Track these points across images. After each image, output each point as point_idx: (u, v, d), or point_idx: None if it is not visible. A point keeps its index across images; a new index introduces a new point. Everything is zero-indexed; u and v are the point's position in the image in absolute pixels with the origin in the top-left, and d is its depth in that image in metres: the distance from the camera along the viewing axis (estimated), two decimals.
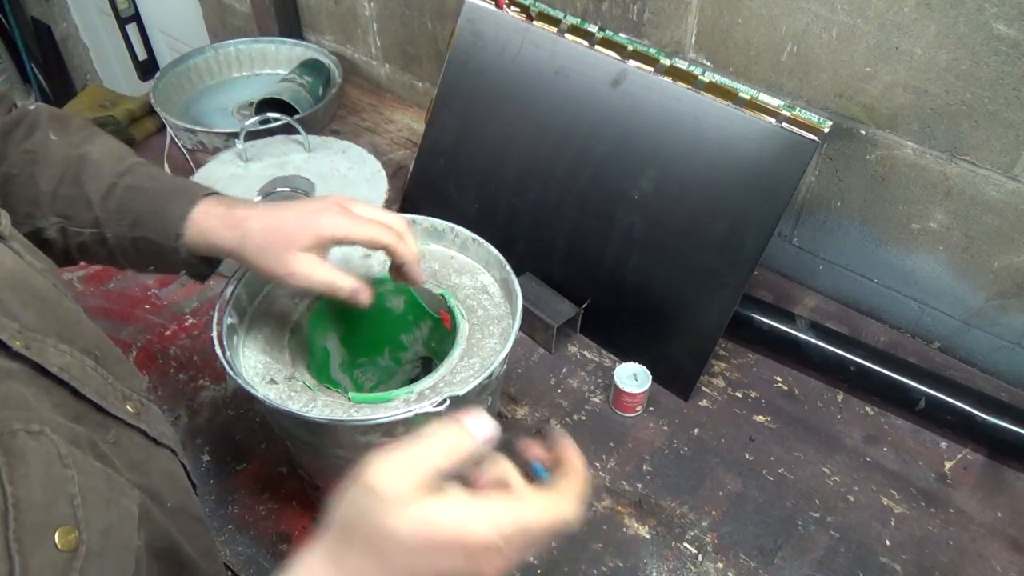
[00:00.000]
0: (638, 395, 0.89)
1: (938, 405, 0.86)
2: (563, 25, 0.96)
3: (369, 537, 0.39)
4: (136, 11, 2.02)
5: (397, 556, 0.39)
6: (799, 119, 0.82)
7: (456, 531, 0.39)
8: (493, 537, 0.39)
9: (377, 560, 0.39)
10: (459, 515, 0.39)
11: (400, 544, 0.38)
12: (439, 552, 0.39)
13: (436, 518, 0.39)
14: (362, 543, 0.39)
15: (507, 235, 1.03)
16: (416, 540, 0.38)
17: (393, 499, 0.39)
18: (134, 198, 0.65)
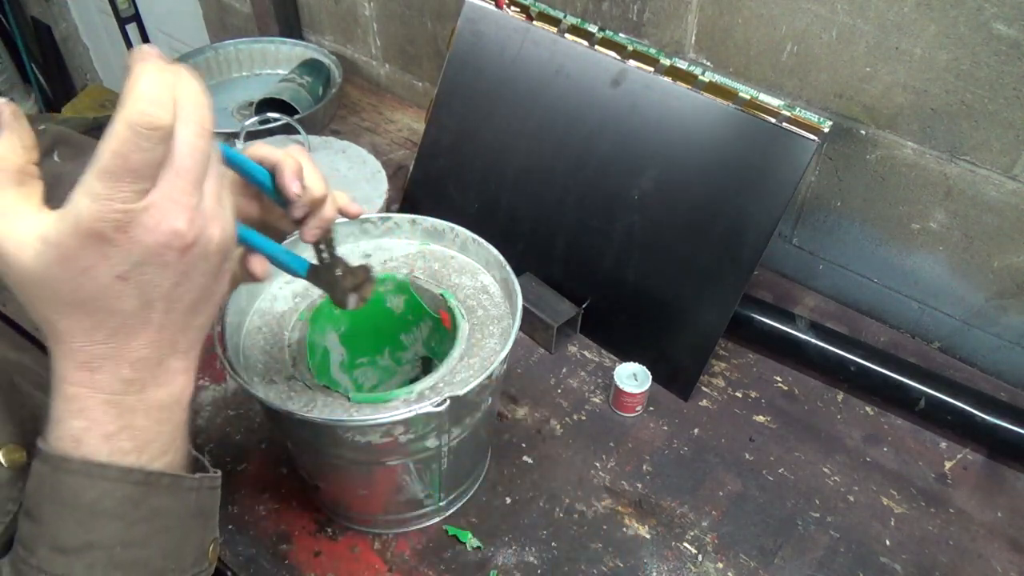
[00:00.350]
0: (638, 395, 0.89)
1: (938, 405, 0.86)
2: (563, 25, 0.96)
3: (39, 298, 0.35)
4: (136, 11, 2.02)
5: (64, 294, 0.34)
6: (799, 119, 0.82)
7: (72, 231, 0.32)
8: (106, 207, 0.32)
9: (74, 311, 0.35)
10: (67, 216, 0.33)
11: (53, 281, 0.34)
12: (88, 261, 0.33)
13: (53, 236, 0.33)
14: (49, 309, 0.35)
15: (507, 235, 1.03)
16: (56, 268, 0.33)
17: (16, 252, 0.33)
18: None
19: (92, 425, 0.37)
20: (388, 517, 0.79)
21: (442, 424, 0.67)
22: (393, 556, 0.78)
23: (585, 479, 0.85)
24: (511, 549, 0.78)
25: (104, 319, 0.35)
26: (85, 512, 0.37)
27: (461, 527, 0.80)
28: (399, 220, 0.82)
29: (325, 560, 0.78)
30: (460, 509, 0.82)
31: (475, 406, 0.70)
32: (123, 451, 0.37)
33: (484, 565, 0.77)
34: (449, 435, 0.69)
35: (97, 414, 0.37)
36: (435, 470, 0.73)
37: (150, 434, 0.38)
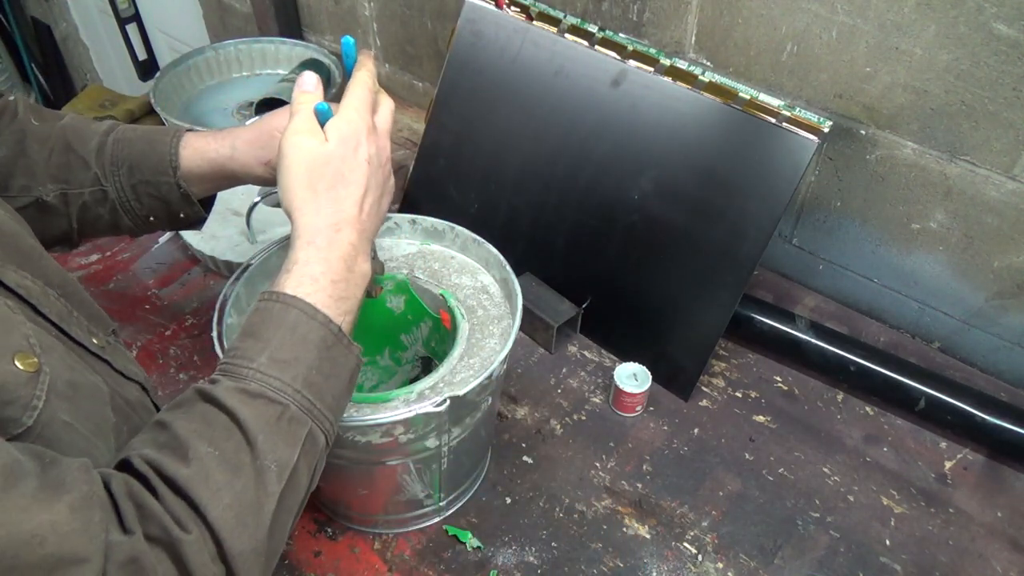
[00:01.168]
0: (638, 395, 0.89)
1: (938, 405, 0.86)
2: (563, 25, 0.96)
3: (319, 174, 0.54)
4: (136, 11, 2.02)
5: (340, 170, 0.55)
6: (799, 119, 0.82)
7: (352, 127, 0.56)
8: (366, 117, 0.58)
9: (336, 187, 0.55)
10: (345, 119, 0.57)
11: (338, 159, 0.55)
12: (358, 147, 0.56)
13: (340, 128, 0.56)
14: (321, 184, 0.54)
15: (507, 235, 1.03)
16: (342, 149, 0.55)
17: (310, 137, 0.55)
18: (124, 148, 0.70)
19: (328, 271, 0.53)
20: (388, 517, 0.79)
21: (442, 424, 0.67)
22: (393, 556, 0.78)
23: (585, 479, 0.85)
24: (511, 549, 0.78)
25: (351, 192, 0.55)
26: (300, 337, 0.50)
27: (461, 527, 0.80)
28: (399, 220, 0.82)
29: (325, 560, 0.78)
30: (460, 509, 0.82)
31: (475, 406, 0.70)
32: (335, 297, 0.53)
33: (484, 565, 0.77)
34: (449, 435, 0.69)
35: (333, 264, 0.53)
36: (435, 470, 0.73)
37: (350, 293, 0.54)
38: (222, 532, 0.42)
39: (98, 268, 1.11)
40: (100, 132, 0.71)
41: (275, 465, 0.46)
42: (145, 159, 0.69)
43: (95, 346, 0.55)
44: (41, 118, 0.70)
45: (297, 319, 0.51)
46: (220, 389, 0.47)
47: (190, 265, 1.12)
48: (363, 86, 0.59)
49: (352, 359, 0.54)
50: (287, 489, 0.47)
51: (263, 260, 0.76)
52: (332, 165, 0.54)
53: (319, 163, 0.54)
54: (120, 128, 0.72)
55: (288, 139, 0.54)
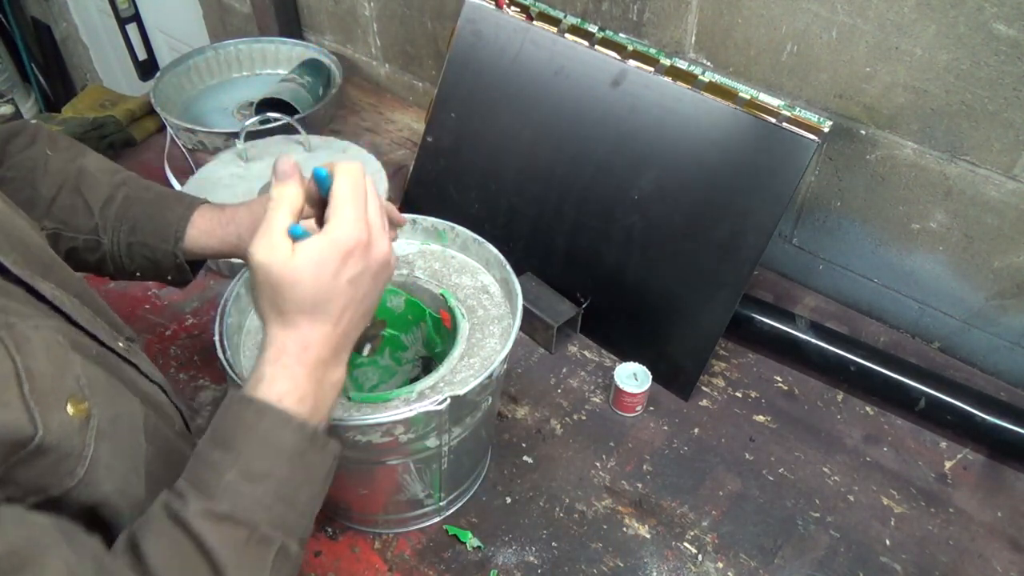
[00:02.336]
0: (638, 395, 0.89)
1: (938, 405, 0.87)
2: (563, 25, 0.96)
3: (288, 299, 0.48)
4: (136, 11, 2.02)
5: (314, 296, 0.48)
6: (799, 119, 0.82)
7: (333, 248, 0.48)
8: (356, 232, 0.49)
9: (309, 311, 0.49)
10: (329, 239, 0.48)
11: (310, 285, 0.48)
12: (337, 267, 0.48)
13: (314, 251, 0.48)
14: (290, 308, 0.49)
15: (507, 235, 1.03)
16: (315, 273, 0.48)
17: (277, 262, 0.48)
18: (132, 206, 0.70)
19: (294, 388, 0.49)
20: (388, 517, 0.79)
21: (442, 424, 0.67)
22: (393, 556, 0.78)
23: (585, 479, 0.85)
24: (511, 549, 0.78)
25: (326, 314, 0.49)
26: (272, 449, 0.48)
27: (461, 527, 0.80)
28: None
29: (325, 560, 0.78)
30: (460, 509, 0.82)
31: (475, 406, 0.70)
32: (305, 411, 0.50)
33: (484, 565, 0.77)
34: (449, 435, 0.69)
35: (300, 381, 0.50)
36: (435, 470, 0.73)
37: (321, 404, 0.51)
38: None
39: None
40: (113, 184, 0.71)
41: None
42: (151, 223, 0.69)
43: (122, 349, 0.55)
44: (55, 148, 0.70)
45: (269, 429, 0.49)
46: (189, 512, 0.45)
47: None
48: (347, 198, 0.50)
49: (328, 458, 0.52)
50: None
51: None
52: (300, 290, 0.48)
53: (286, 289, 0.48)
54: (133, 182, 0.72)
55: (253, 258, 0.48)
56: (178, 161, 1.29)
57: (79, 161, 0.71)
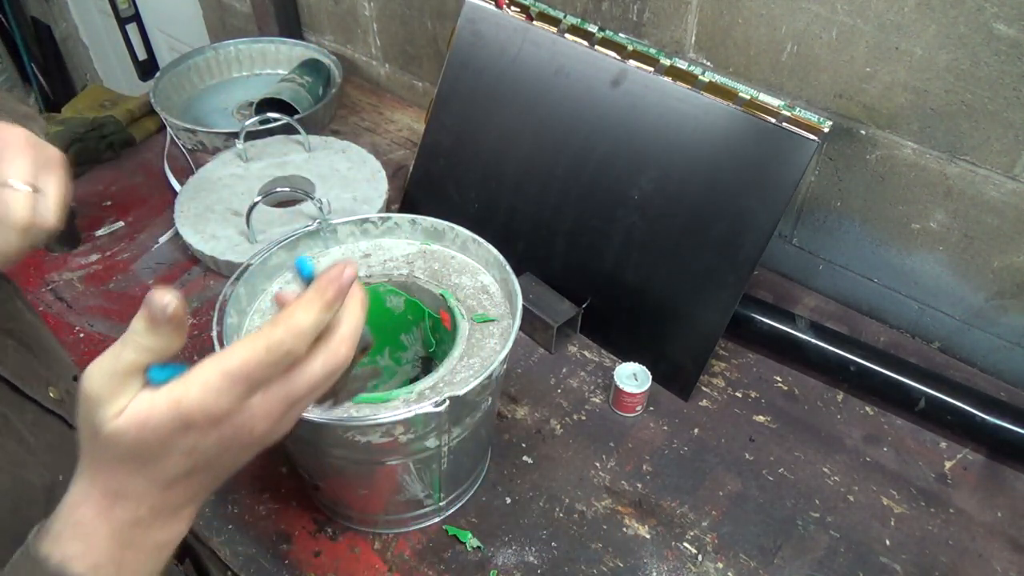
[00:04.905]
0: (638, 395, 0.89)
1: (938, 405, 0.86)
2: (563, 25, 0.96)
3: (105, 447, 0.37)
4: (136, 11, 2.02)
5: (137, 454, 0.37)
6: (799, 119, 0.82)
7: (169, 414, 0.36)
8: (208, 399, 0.36)
9: (127, 463, 0.38)
10: (167, 397, 0.36)
11: (131, 444, 0.37)
12: (171, 439, 0.37)
13: (145, 409, 0.36)
14: (106, 455, 0.38)
15: (507, 235, 1.03)
16: (137, 435, 0.36)
17: (103, 404, 0.36)
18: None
19: (88, 552, 0.38)
20: (388, 517, 0.79)
21: (442, 424, 0.67)
22: (393, 556, 0.78)
23: (585, 479, 0.85)
24: (511, 549, 0.78)
25: (150, 474, 0.38)
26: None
27: (461, 527, 0.80)
28: (399, 220, 0.82)
29: (325, 560, 0.78)
30: (460, 509, 0.82)
31: (475, 406, 0.70)
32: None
33: (484, 565, 0.77)
34: (449, 435, 0.69)
35: (98, 541, 0.38)
36: (435, 470, 0.73)
37: (133, 569, 0.39)
38: None
39: (98, 268, 1.11)
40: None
41: None
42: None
43: (51, 400, 0.51)
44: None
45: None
46: None
47: (190, 265, 1.12)
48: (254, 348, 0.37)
49: None
50: None
51: (263, 260, 0.76)
52: (122, 446, 0.37)
53: (103, 438, 0.37)
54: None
55: (79, 389, 0.37)
56: (178, 161, 1.29)
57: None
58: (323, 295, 0.38)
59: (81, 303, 1.06)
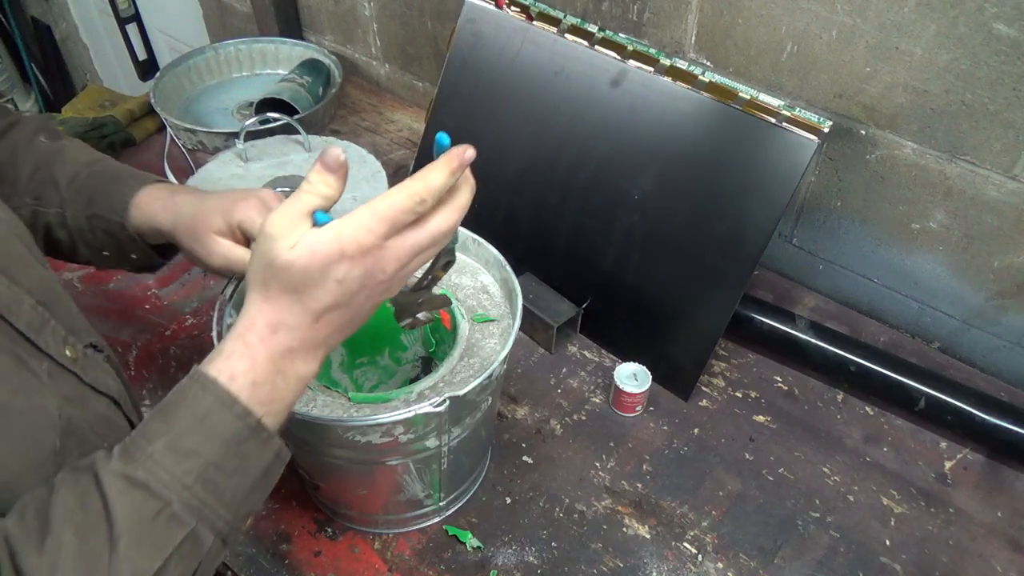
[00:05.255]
0: (638, 395, 0.89)
1: (938, 405, 0.86)
2: (563, 25, 0.96)
3: (276, 277, 0.47)
4: (136, 11, 2.02)
5: (301, 282, 0.47)
6: (799, 119, 0.82)
7: (332, 244, 0.46)
8: (361, 233, 0.46)
9: (291, 293, 0.47)
10: (331, 231, 0.46)
11: (299, 271, 0.46)
12: (329, 266, 0.46)
13: (315, 240, 0.46)
14: (275, 284, 0.47)
15: (507, 235, 1.03)
16: (307, 263, 0.46)
17: (281, 238, 0.46)
18: (94, 182, 0.70)
19: (251, 369, 0.48)
20: (388, 517, 0.79)
21: (442, 424, 0.67)
22: (393, 556, 0.78)
23: (585, 479, 0.85)
24: (511, 549, 0.78)
25: (306, 303, 0.47)
26: (207, 428, 0.46)
27: (461, 527, 0.80)
28: None
29: (325, 560, 0.78)
30: (460, 509, 0.82)
31: (475, 406, 0.70)
32: (258, 398, 0.48)
33: (484, 565, 0.77)
34: (449, 435, 0.69)
35: (259, 363, 0.48)
36: (435, 470, 0.73)
37: (278, 395, 0.49)
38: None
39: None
40: (84, 162, 0.71)
41: (130, 572, 0.42)
42: (105, 195, 0.70)
43: (66, 358, 0.53)
44: (50, 136, 0.72)
45: (210, 408, 0.47)
46: (108, 470, 0.44)
47: (190, 265, 1.12)
48: (397, 196, 0.46)
49: (268, 454, 0.49)
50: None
51: None
52: (290, 273, 0.46)
53: (277, 268, 0.47)
54: (105, 163, 0.72)
55: (261, 232, 0.48)
56: (178, 161, 1.29)
57: (62, 143, 0.72)
58: (451, 163, 0.47)
59: (81, 303, 1.05)
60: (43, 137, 0.72)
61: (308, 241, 0.46)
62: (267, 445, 0.49)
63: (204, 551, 0.46)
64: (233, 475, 0.47)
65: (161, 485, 0.44)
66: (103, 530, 0.42)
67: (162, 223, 0.68)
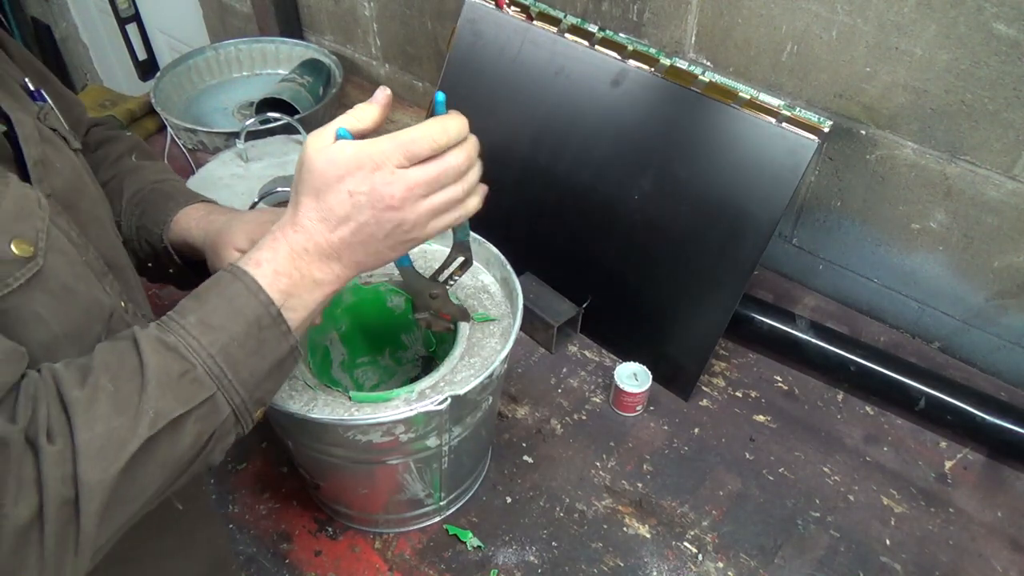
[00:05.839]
0: (638, 395, 0.89)
1: (938, 405, 0.87)
2: (563, 25, 0.97)
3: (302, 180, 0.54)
4: (136, 11, 2.02)
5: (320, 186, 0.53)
6: (799, 119, 0.82)
7: (351, 156, 0.52)
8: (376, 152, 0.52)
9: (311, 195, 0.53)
10: (353, 146, 0.52)
11: (317, 172, 0.53)
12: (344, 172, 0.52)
13: (337, 149, 0.52)
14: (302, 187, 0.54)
15: (507, 235, 1.03)
16: (324, 166, 0.52)
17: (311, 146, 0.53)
18: (151, 197, 0.75)
19: (273, 259, 0.54)
20: (389, 516, 0.79)
21: (443, 423, 0.67)
22: (394, 555, 0.78)
23: (585, 479, 0.85)
24: (511, 548, 0.78)
25: (321, 208, 0.53)
26: (234, 309, 0.52)
27: (461, 526, 0.80)
28: None
29: (326, 559, 0.78)
30: (460, 508, 0.82)
31: (476, 405, 0.70)
32: (278, 287, 0.53)
33: (484, 564, 0.77)
34: (450, 434, 0.69)
35: (280, 254, 0.54)
36: (436, 469, 0.73)
37: (295, 291, 0.54)
38: (80, 456, 0.45)
39: None
40: (152, 180, 0.76)
41: (152, 412, 0.47)
42: (153, 210, 0.74)
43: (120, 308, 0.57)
44: (140, 157, 0.79)
45: (238, 292, 0.52)
46: (145, 334, 0.50)
47: None
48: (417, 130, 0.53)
49: (284, 347, 0.54)
50: (160, 439, 0.48)
51: None
52: (312, 175, 0.53)
53: (303, 169, 0.54)
54: (169, 183, 0.77)
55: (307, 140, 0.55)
56: (178, 161, 1.30)
57: (144, 163, 0.78)
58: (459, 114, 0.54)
59: None
60: (134, 157, 0.77)
61: (331, 149, 0.52)
62: (284, 339, 0.54)
63: (220, 420, 0.51)
64: (251, 355, 0.52)
65: (189, 351, 0.50)
66: (136, 377, 0.48)
67: (195, 238, 0.72)
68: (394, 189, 0.52)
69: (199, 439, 0.50)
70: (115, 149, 0.78)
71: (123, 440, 0.46)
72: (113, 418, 0.46)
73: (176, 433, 0.49)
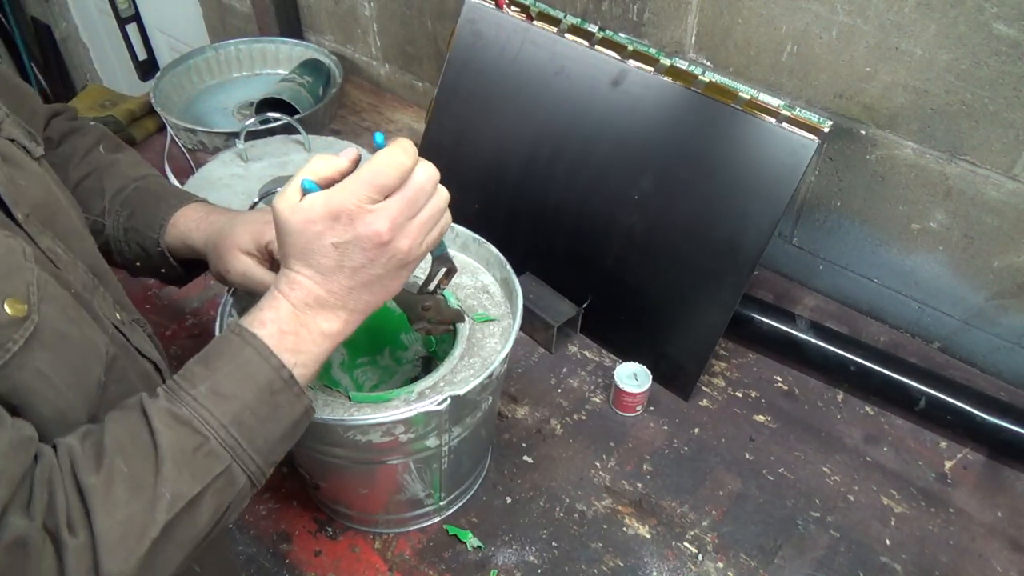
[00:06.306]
0: (638, 395, 0.89)
1: (938, 405, 0.87)
2: (563, 25, 0.96)
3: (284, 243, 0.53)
4: (136, 11, 2.02)
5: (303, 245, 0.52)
6: (799, 119, 0.82)
7: (322, 209, 0.51)
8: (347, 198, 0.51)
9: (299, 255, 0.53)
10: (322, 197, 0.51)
11: (296, 234, 0.52)
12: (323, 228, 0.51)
13: (308, 206, 0.51)
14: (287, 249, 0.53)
15: (507, 235, 1.03)
16: (300, 226, 0.51)
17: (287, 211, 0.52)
18: (137, 197, 0.74)
19: (276, 318, 0.53)
20: (389, 516, 0.79)
21: (442, 423, 0.67)
22: (394, 556, 0.78)
23: (585, 479, 0.85)
24: (511, 549, 0.78)
25: (312, 265, 0.53)
26: (246, 375, 0.51)
27: (461, 527, 0.80)
28: None
29: (326, 559, 0.78)
30: (460, 509, 0.82)
31: (475, 405, 0.70)
32: (286, 347, 0.53)
33: (484, 565, 0.77)
34: (449, 434, 0.69)
35: (283, 312, 0.53)
36: (435, 469, 0.73)
37: (303, 347, 0.53)
38: (101, 547, 0.44)
39: None
40: (132, 177, 0.75)
41: (169, 494, 0.47)
42: (145, 211, 0.73)
43: (116, 320, 0.57)
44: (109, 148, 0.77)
45: (249, 357, 0.52)
46: (155, 407, 0.49)
47: None
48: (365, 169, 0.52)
49: (298, 409, 0.54)
50: (178, 521, 0.47)
51: None
52: (294, 239, 0.52)
53: (282, 233, 0.53)
54: (152, 180, 0.76)
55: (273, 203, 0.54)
56: (178, 161, 1.29)
57: (117, 156, 0.76)
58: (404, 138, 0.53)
59: None
60: (102, 148, 0.76)
61: (303, 207, 0.52)
62: (298, 400, 0.54)
63: (236, 490, 0.51)
64: (265, 422, 0.52)
65: (202, 423, 0.49)
66: (150, 457, 0.47)
67: (196, 240, 0.71)
68: (378, 226, 0.51)
69: (216, 512, 0.50)
70: (83, 143, 0.76)
71: (143, 526, 0.46)
72: (132, 503, 0.46)
73: (194, 511, 0.48)
